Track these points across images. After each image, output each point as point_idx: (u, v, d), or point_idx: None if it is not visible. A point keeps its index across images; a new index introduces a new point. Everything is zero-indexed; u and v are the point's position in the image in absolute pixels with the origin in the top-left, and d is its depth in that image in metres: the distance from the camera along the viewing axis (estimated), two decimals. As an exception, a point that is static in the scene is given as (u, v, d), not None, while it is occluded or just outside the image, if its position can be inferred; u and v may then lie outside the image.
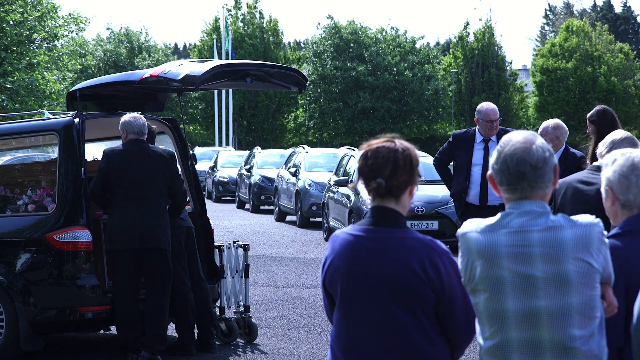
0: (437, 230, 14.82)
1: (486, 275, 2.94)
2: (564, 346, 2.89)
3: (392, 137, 3.18)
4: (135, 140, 7.50)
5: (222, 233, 17.37)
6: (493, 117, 8.45)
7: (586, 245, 2.89)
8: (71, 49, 28.57)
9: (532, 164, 2.93)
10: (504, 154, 2.98)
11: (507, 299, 2.92)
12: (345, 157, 18.06)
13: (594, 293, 2.92)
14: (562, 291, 2.88)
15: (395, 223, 3.12)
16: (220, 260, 8.52)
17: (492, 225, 2.97)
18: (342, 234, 3.21)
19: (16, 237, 7.63)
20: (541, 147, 2.96)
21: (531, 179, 2.93)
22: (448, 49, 67.07)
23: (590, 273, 2.90)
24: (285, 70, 8.49)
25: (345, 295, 3.14)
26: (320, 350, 8.09)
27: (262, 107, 59.07)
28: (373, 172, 3.11)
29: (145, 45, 64.72)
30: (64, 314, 7.40)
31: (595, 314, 2.93)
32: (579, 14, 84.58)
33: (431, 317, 3.09)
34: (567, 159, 8.10)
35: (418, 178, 3.15)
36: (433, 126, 60.93)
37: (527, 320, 2.90)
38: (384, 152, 3.11)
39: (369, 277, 3.10)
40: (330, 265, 3.18)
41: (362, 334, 3.10)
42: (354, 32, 58.52)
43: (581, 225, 2.92)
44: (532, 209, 2.94)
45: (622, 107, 52.40)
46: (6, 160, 9.60)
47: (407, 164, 3.12)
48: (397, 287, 3.06)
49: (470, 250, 2.98)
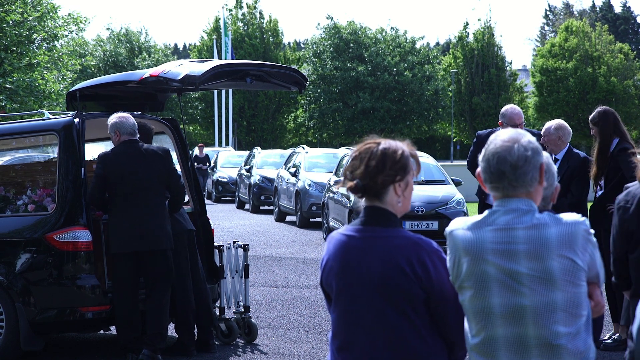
0: (437, 230, 14.81)
1: (472, 272, 2.97)
2: (550, 343, 2.91)
3: (380, 139, 3.18)
4: (129, 141, 7.47)
5: (222, 233, 17.38)
6: (518, 120, 8.45)
7: (570, 243, 2.91)
8: (71, 49, 28.57)
9: (512, 163, 2.94)
10: (487, 152, 3.00)
11: (493, 296, 2.94)
12: (345, 157, 18.07)
13: (579, 291, 2.93)
14: (546, 288, 2.90)
15: (385, 222, 3.13)
16: (220, 261, 8.52)
17: (478, 222, 3.00)
18: (336, 234, 3.23)
19: (16, 237, 7.62)
20: (525, 145, 2.96)
21: (511, 178, 2.95)
22: (448, 49, 67.07)
23: (575, 271, 2.91)
24: (285, 70, 8.49)
25: (340, 295, 3.16)
26: (320, 350, 8.09)
27: (262, 107, 59.07)
28: (350, 172, 3.14)
29: (145, 46, 64.71)
30: (64, 314, 7.40)
31: (581, 312, 2.94)
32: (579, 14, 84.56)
33: (422, 315, 3.09)
34: (571, 159, 8.07)
35: (407, 176, 3.13)
36: (433, 126, 60.95)
37: (512, 317, 2.93)
38: (362, 154, 3.14)
39: (359, 277, 3.11)
40: (326, 266, 3.21)
41: (356, 333, 3.12)
42: (353, 33, 58.53)
43: (566, 224, 2.94)
44: (518, 206, 2.96)
45: (622, 107, 52.40)
46: (6, 160, 9.59)
47: (385, 163, 3.10)
48: (387, 286, 3.07)
49: (457, 247, 3.01)
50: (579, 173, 8.00)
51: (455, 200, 15.50)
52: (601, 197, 7.88)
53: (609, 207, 7.62)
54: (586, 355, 2.95)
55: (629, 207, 5.12)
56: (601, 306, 3.09)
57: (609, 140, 7.88)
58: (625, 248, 5.24)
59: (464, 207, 15.32)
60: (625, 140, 7.89)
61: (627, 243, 5.21)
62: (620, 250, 5.27)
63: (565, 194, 7.98)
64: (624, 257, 5.27)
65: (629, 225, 5.14)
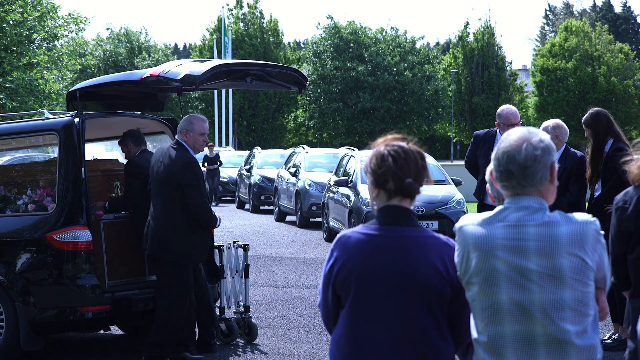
0: (437, 230, 14.81)
1: (481, 268, 2.97)
2: (557, 340, 2.90)
3: (404, 136, 3.21)
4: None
5: (222, 233, 17.36)
6: (514, 120, 8.41)
7: (581, 241, 2.91)
8: (71, 49, 28.57)
9: (520, 162, 2.95)
10: (499, 151, 3.01)
11: (501, 292, 2.94)
12: (345, 157, 18.04)
13: (588, 290, 2.94)
14: (555, 286, 2.90)
15: (411, 222, 3.16)
16: (220, 261, 8.51)
17: (489, 218, 3.00)
18: (353, 234, 3.20)
19: (16, 237, 7.61)
20: (534, 145, 2.96)
21: (519, 178, 2.96)
22: (448, 49, 67.05)
23: (584, 270, 2.92)
24: (285, 70, 8.47)
25: (361, 294, 3.13)
26: (320, 350, 8.08)
27: (262, 107, 59.06)
28: (404, 171, 3.12)
29: (145, 45, 64.70)
30: (64, 314, 7.39)
31: (589, 311, 2.94)
32: (579, 14, 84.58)
33: (445, 314, 3.13)
34: (567, 158, 8.10)
35: (430, 181, 3.21)
36: (433, 126, 60.93)
37: (520, 314, 2.92)
38: (410, 153, 3.15)
39: (387, 276, 3.11)
40: (343, 266, 3.17)
41: (378, 332, 3.11)
42: (353, 32, 58.52)
43: (577, 222, 2.94)
44: (530, 204, 2.96)
45: (622, 107, 52.41)
46: (6, 160, 9.59)
47: (426, 166, 3.19)
48: (419, 285, 3.08)
49: (467, 242, 3.00)
50: (577, 172, 8.02)
51: (455, 200, 15.50)
52: (599, 197, 7.88)
53: (606, 208, 7.63)
54: (593, 353, 2.94)
55: (627, 208, 5.13)
56: (605, 312, 3.10)
57: (603, 142, 7.90)
58: (623, 248, 5.25)
59: (464, 207, 15.32)
60: (620, 141, 7.91)
61: (625, 244, 5.22)
62: (619, 251, 5.27)
63: (563, 193, 7.99)
64: (622, 257, 5.28)
65: (627, 225, 5.15)
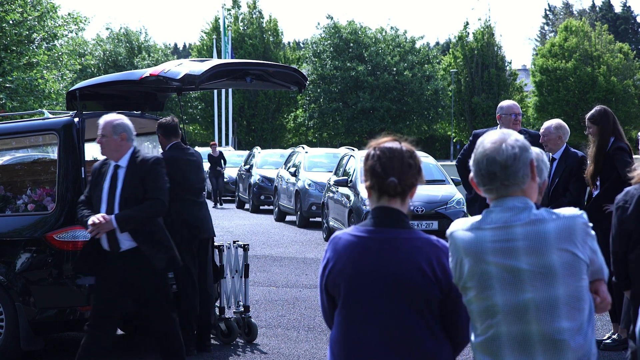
0: (437, 230, 14.82)
1: (474, 272, 2.98)
2: (553, 339, 2.91)
3: (397, 138, 3.19)
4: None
5: (222, 233, 17.36)
6: (516, 110, 8.50)
7: (569, 236, 2.92)
8: (70, 48, 28.55)
9: (501, 163, 2.96)
10: (477, 155, 3.03)
11: (496, 294, 2.95)
12: (345, 157, 18.04)
13: (581, 284, 2.94)
14: (548, 283, 2.91)
15: (400, 223, 3.15)
16: (220, 260, 8.52)
17: (477, 222, 3.02)
18: (344, 235, 3.20)
19: (16, 237, 7.61)
20: (512, 144, 2.98)
21: (502, 178, 2.97)
22: (448, 49, 67.06)
23: (576, 264, 2.92)
24: (285, 69, 8.47)
25: (351, 296, 3.13)
26: (320, 350, 8.08)
27: (262, 107, 59.07)
28: (386, 171, 3.11)
29: (144, 45, 64.73)
30: (64, 314, 7.39)
31: (583, 306, 2.95)
32: (579, 14, 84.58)
33: (436, 316, 3.11)
34: (568, 158, 8.12)
35: (422, 180, 3.18)
36: (433, 126, 60.97)
37: (516, 314, 2.93)
38: (396, 152, 3.13)
39: (376, 278, 3.10)
40: (333, 267, 3.17)
41: (369, 334, 3.10)
42: (353, 32, 58.54)
43: (564, 217, 2.95)
44: (515, 204, 2.98)
45: (622, 107, 52.44)
46: (6, 160, 9.57)
47: (416, 165, 3.16)
48: (406, 286, 3.07)
49: (458, 248, 3.02)
50: (577, 172, 8.03)
51: (455, 200, 15.50)
52: (597, 196, 7.88)
53: (605, 207, 7.63)
54: (588, 350, 2.96)
55: (628, 207, 5.13)
56: (607, 302, 3.09)
57: (608, 139, 7.91)
58: (624, 248, 5.25)
59: (464, 207, 15.30)
60: (621, 140, 7.92)
61: (626, 243, 5.22)
62: (620, 250, 5.27)
63: (563, 193, 7.99)
64: (623, 257, 5.28)
65: (627, 225, 5.15)
